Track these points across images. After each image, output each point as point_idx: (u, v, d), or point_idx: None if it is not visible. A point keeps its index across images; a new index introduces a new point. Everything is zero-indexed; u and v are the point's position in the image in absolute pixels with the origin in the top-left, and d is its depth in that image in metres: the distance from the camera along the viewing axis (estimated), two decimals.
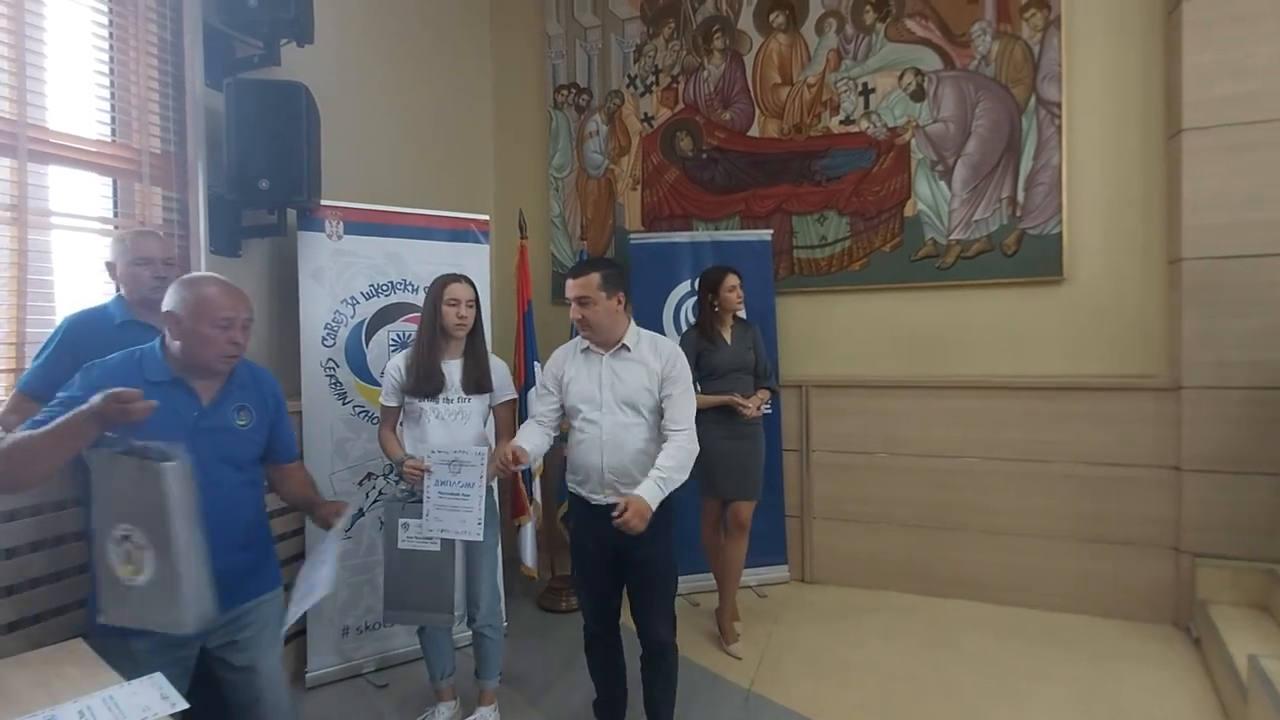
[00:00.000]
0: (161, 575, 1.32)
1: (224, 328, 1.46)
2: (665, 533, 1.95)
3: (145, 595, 1.34)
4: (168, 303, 1.46)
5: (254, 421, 1.58)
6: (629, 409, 1.90)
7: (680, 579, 2.23)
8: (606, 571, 1.99)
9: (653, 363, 1.91)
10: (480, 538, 2.02)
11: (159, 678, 1.26)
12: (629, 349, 1.93)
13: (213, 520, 1.41)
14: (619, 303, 1.92)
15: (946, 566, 3.18)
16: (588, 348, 1.97)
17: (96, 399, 1.26)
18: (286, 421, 1.71)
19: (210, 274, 1.56)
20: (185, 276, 1.52)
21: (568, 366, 1.99)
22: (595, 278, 1.88)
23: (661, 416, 1.91)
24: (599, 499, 1.92)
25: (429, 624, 2.13)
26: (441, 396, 2.11)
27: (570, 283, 1.90)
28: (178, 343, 1.45)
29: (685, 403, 1.91)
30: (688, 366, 1.96)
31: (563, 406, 2.01)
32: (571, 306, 1.91)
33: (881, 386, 3.29)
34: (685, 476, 1.84)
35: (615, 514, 1.71)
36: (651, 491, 1.76)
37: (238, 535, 1.54)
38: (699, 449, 1.90)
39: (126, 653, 1.39)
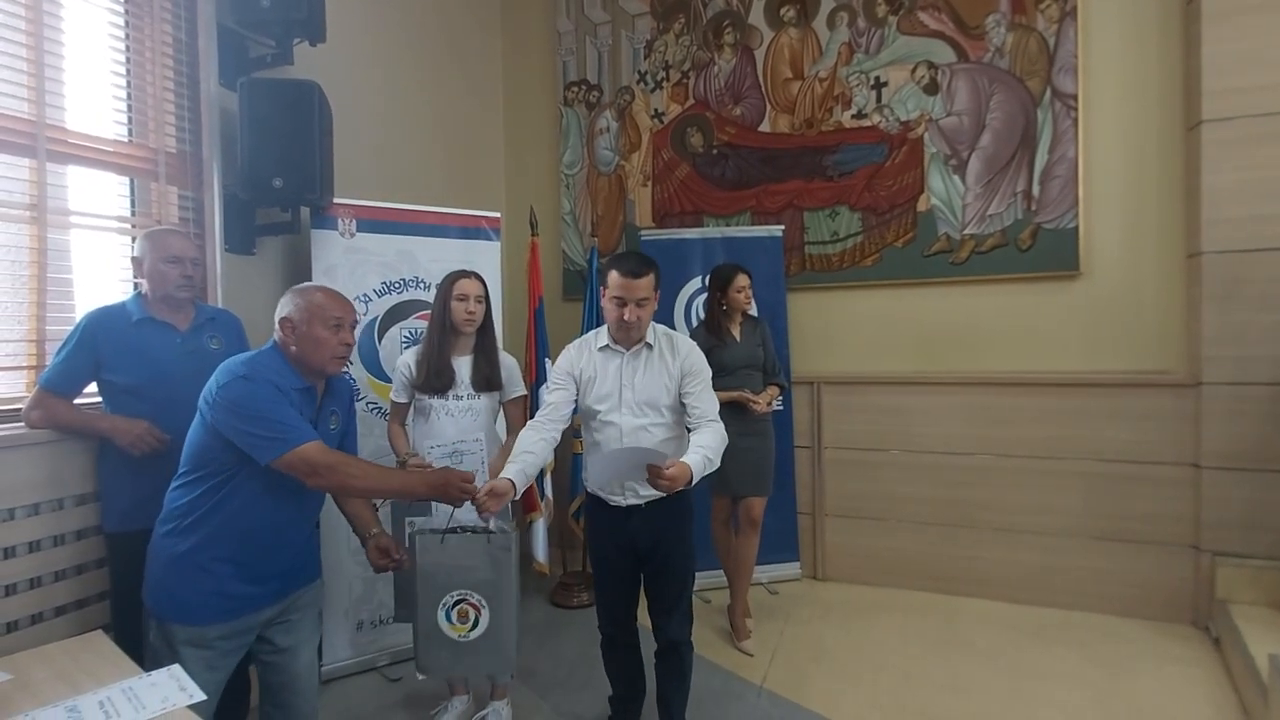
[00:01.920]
0: (492, 628, 1.62)
1: (335, 329, 1.57)
2: (686, 532, 1.95)
3: (474, 647, 1.64)
4: (281, 310, 1.57)
5: (340, 425, 1.70)
6: (648, 409, 1.87)
7: None
8: (625, 573, 1.98)
9: (671, 360, 1.89)
10: (490, 525, 2.03)
11: (177, 669, 1.28)
12: (650, 346, 1.89)
13: (300, 514, 1.60)
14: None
15: (960, 564, 3.16)
16: (607, 345, 1.90)
17: (438, 478, 1.57)
18: (354, 422, 1.83)
19: (316, 283, 1.69)
20: (294, 287, 1.63)
21: (584, 364, 1.92)
22: (653, 277, 1.83)
23: (679, 415, 1.90)
24: (618, 500, 1.91)
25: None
26: (451, 393, 2.12)
27: (632, 283, 1.78)
28: (293, 347, 1.55)
29: (709, 396, 1.89)
30: (705, 360, 1.93)
31: (576, 403, 1.97)
32: (627, 308, 1.79)
33: (894, 383, 3.26)
34: (719, 462, 1.79)
35: (664, 466, 1.63)
36: (696, 462, 1.70)
37: (309, 527, 1.69)
38: None
39: (201, 639, 1.46)
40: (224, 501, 1.48)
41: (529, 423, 1.92)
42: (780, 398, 2.82)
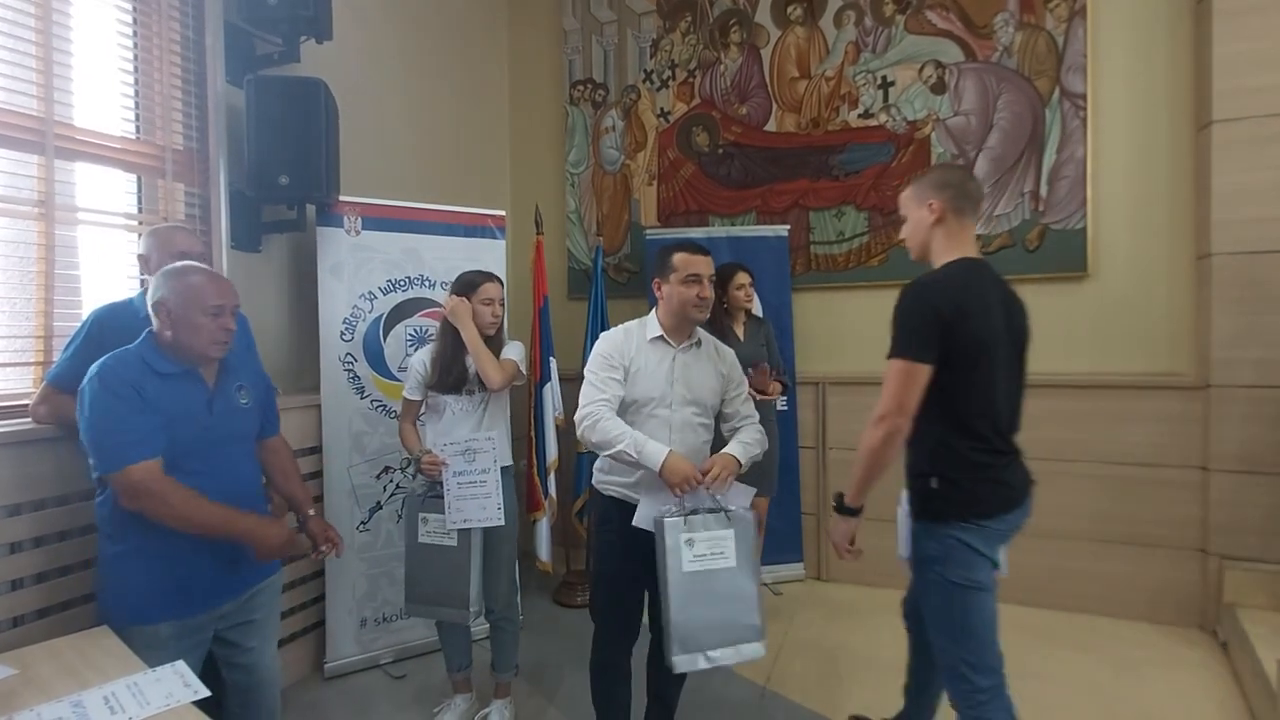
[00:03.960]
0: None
1: (215, 315, 1.49)
2: None
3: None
4: (156, 291, 1.47)
5: (252, 400, 1.64)
6: (697, 406, 1.81)
7: None
8: (638, 592, 1.84)
9: (719, 364, 1.88)
10: (502, 521, 2.07)
11: (181, 665, 1.29)
12: (700, 345, 1.86)
13: (235, 499, 1.51)
14: None
15: None
16: (659, 337, 1.81)
17: (261, 529, 1.51)
18: (271, 394, 1.78)
19: (195, 264, 1.55)
20: (170, 268, 1.51)
21: (634, 354, 1.80)
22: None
23: (714, 418, 1.89)
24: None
25: (446, 619, 2.15)
26: (464, 389, 2.15)
27: (705, 259, 1.78)
28: (169, 333, 1.46)
29: (749, 403, 1.93)
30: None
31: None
32: (703, 284, 1.77)
33: None
34: (760, 455, 1.83)
35: (705, 470, 1.65)
36: (740, 452, 1.72)
37: (249, 509, 1.57)
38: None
39: (155, 639, 1.43)
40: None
41: (610, 413, 1.73)
42: (784, 396, 2.81)
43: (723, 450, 1.76)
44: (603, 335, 1.86)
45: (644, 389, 1.78)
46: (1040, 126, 3.02)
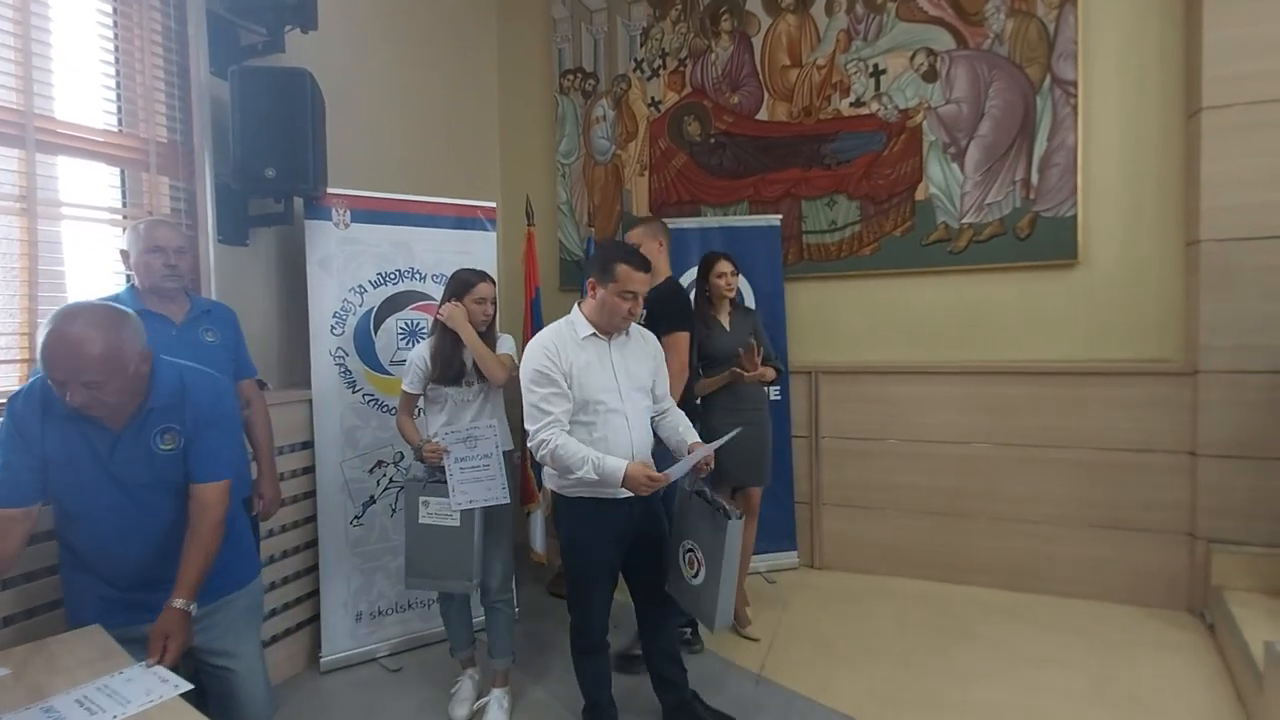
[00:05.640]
0: (708, 583, 1.82)
1: (62, 386, 1.32)
2: (668, 507, 2.04)
3: (695, 592, 1.86)
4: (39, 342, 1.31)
5: (179, 445, 1.46)
6: (642, 392, 1.92)
7: None
8: (612, 574, 1.97)
9: (644, 344, 1.98)
10: (508, 500, 2.16)
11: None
12: (627, 333, 1.93)
13: (152, 537, 1.47)
14: None
15: (958, 552, 3.17)
16: (591, 334, 1.86)
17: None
18: (212, 436, 1.49)
19: (75, 312, 1.32)
20: (56, 312, 1.32)
21: (572, 357, 1.82)
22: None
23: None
24: (625, 491, 1.81)
25: (448, 589, 2.21)
26: (464, 381, 2.21)
27: (644, 278, 1.82)
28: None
29: (666, 379, 2.05)
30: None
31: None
32: (635, 301, 1.82)
33: (892, 372, 3.26)
34: None
35: (704, 462, 1.84)
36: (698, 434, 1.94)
37: (171, 539, 1.48)
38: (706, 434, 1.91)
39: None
40: (59, 514, 1.46)
41: (564, 437, 1.78)
42: (776, 382, 2.81)
43: (691, 442, 1.93)
44: (529, 348, 1.85)
45: (596, 384, 1.83)
46: (1031, 114, 3.02)
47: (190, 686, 1.23)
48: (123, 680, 1.22)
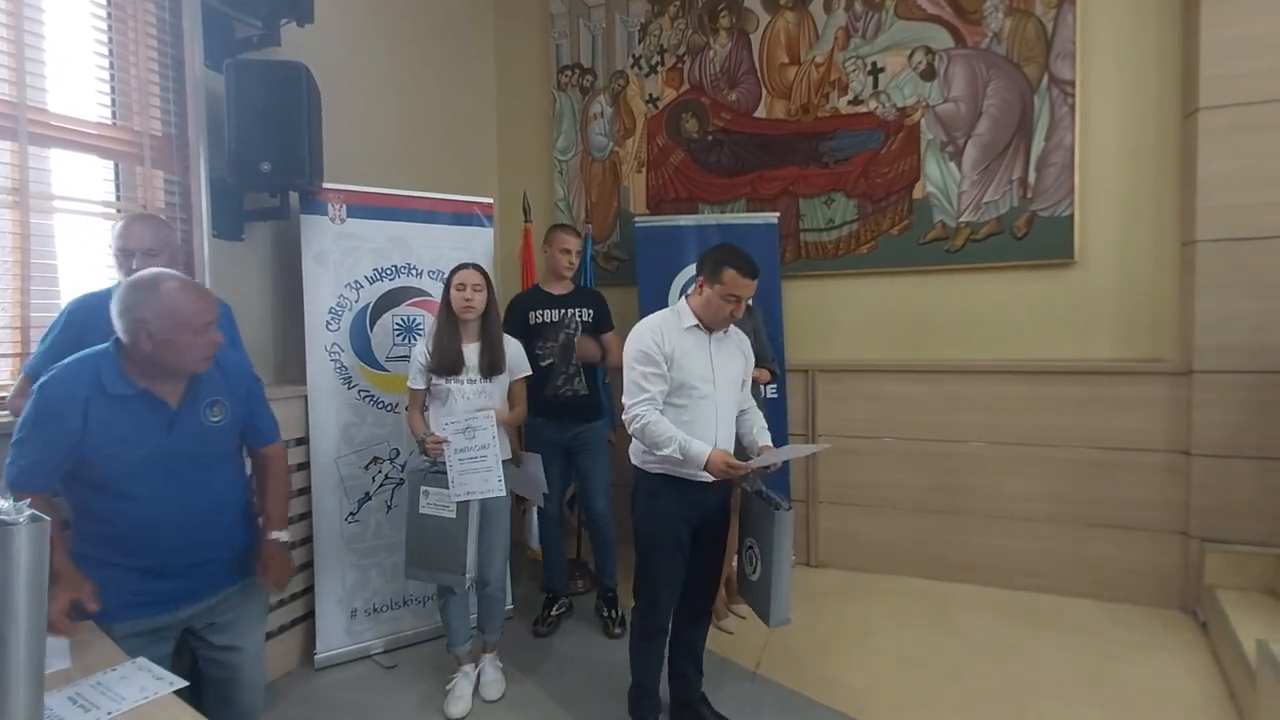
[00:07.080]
0: (764, 578, 1.89)
1: (202, 331, 1.43)
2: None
3: (754, 589, 1.96)
4: (133, 309, 1.36)
5: (228, 415, 1.55)
6: (733, 387, 2.01)
7: None
8: (685, 550, 2.01)
9: (740, 345, 2.08)
10: (503, 492, 2.20)
11: (144, 661, 1.28)
12: (726, 331, 2.02)
13: (198, 514, 1.49)
14: None
15: (954, 551, 3.18)
16: (694, 325, 1.94)
17: None
18: (259, 403, 1.66)
19: (168, 273, 1.43)
20: (142, 280, 1.39)
21: (675, 343, 1.91)
22: None
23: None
24: (704, 476, 1.88)
25: (443, 582, 2.24)
26: (464, 375, 2.24)
27: (751, 284, 1.90)
28: (147, 350, 1.38)
29: (751, 379, 2.15)
30: None
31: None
32: (740, 304, 1.91)
33: (889, 371, 3.26)
34: None
35: (774, 466, 1.94)
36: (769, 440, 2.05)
37: (223, 526, 1.57)
38: None
39: (111, 636, 1.41)
40: (76, 502, 1.45)
41: (657, 415, 1.87)
42: (773, 383, 2.81)
43: (762, 445, 2.04)
44: (635, 331, 1.97)
45: (690, 373, 1.91)
46: (1029, 113, 3.02)
47: (185, 684, 1.22)
48: (117, 677, 1.21)
